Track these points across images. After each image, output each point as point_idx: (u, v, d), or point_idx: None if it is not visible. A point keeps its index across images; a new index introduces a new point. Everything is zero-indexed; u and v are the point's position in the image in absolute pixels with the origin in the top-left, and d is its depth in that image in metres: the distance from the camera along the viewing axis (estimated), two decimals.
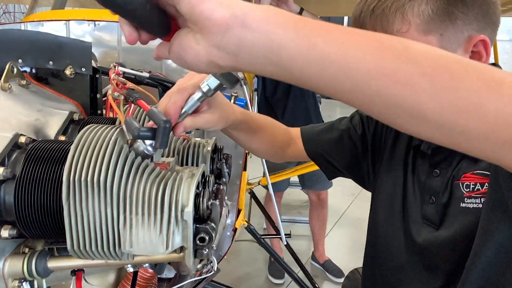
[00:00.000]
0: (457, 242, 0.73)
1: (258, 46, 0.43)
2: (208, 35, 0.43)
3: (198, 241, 0.60)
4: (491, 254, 0.66)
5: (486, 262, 0.67)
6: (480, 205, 0.71)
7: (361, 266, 1.01)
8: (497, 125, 0.39)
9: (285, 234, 2.19)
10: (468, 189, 0.73)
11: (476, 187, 0.72)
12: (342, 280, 2.86)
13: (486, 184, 0.71)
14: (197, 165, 0.79)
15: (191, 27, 0.45)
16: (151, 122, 0.60)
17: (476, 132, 0.40)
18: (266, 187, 2.66)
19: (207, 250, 0.61)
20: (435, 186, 0.79)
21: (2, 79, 0.79)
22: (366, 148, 0.98)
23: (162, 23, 0.47)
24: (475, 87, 0.40)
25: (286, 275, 2.86)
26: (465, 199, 0.73)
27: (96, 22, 1.38)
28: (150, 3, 0.44)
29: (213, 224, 0.61)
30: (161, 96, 1.15)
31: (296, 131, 1.04)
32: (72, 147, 0.59)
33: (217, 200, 0.64)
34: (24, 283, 0.67)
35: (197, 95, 0.64)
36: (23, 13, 6.56)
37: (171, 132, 0.60)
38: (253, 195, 2.69)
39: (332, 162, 1.02)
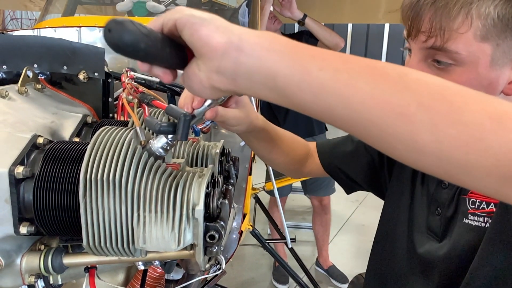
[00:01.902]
0: (453, 258, 0.72)
1: (253, 71, 0.44)
2: (207, 60, 0.45)
3: (208, 239, 0.62)
4: (488, 279, 0.65)
5: (482, 285, 0.66)
6: (483, 224, 0.69)
7: (365, 271, 1.01)
8: (500, 160, 0.38)
9: (290, 239, 2.21)
10: (473, 206, 0.72)
11: (482, 206, 0.71)
12: (346, 285, 2.87)
13: (492, 204, 0.69)
14: (206, 167, 0.81)
15: (195, 55, 0.47)
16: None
17: (478, 167, 0.39)
18: (270, 192, 2.68)
19: (216, 248, 0.63)
20: (442, 198, 0.78)
21: (19, 83, 0.82)
22: (382, 158, 0.95)
23: (180, 57, 0.49)
24: (476, 120, 0.38)
25: (290, 280, 2.87)
26: (469, 215, 0.71)
27: None
28: (166, 43, 0.47)
29: (222, 223, 0.63)
30: (169, 100, 1.18)
31: (313, 146, 1.03)
32: (89, 148, 0.62)
33: (226, 200, 0.67)
34: (39, 280, 0.69)
35: (208, 101, 0.67)
36: (30, 19, 6.63)
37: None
38: (257, 200, 2.71)
39: (349, 175, 0.99)
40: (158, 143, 0.63)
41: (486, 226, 0.68)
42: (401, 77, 0.41)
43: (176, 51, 0.48)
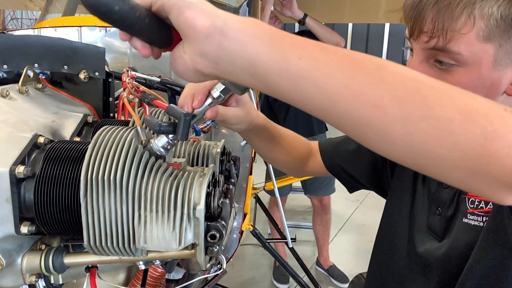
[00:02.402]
0: (452, 257, 0.73)
1: (235, 56, 0.45)
2: (191, 43, 0.46)
3: (209, 238, 0.62)
4: (482, 277, 0.66)
5: (476, 284, 0.67)
6: (481, 224, 0.69)
7: (366, 271, 1.01)
8: (467, 154, 0.39)
9: (291, 239, 2.21)
10: (472, 206, 0.72)
11: (480, 205, 0.71)
12: (346, 285, 2.86)
13: (490, 203, 0.69)
14: (207, 166, 0.81)
15: (182, 39, 0.48)
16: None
17: (446, 160, 0.40)
18: (270, 192, 2.68)
19: (217, 247, 0.63)
20: (443, 197, 0.78)
21: (20, 82, 0.82)
22: (385, 157, 0.95)
23: (163, 35, 0.50)
24: (446, 115, 0.39)
25: (290, 280, 2.87)
26: (468, 215, 0.71)
27: (107, 28, 1.42)
28: (149, 17, 0.47)
29: (223, 222, 0.63)
30: (170, 100, 1.18)
31: (315, 145, 1.03)
32: (90, 147, 0.62)
33: (227, 199, 0.67)
34: (40, 280, 0.69)
35: (208, 100, 0.66)
36: (30, 19, 6.63)
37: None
38: (258, 200, 2.71)
39: (352, 174, 0.99)
40: (159, 142, 0.63)
41: (483, 225, 0.68)
42: (377, 69, 0.42)
43: (159, 28, 0.48)
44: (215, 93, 0.64)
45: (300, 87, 0.44)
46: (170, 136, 0.62)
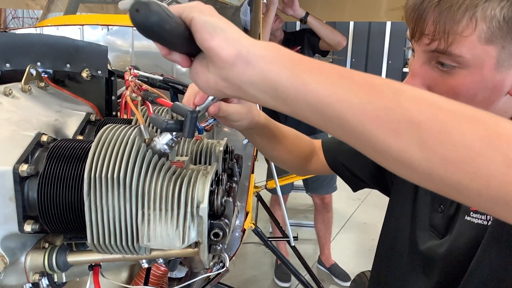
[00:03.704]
0: (454, 255, 0.72)
1: (258, 81, 0.47)
2: (217, 68, 0.48)
3: (212, 237, 0.62)
4: (485, 278, 0.66)
5: (480, 283, 0.67)
6: (485, 222, 0.69)
7: (368, 269, 1.01)
8: (489, 182, 0.38)
9: (293, 237, 2.21)
10: None
11: None
12: (348, 284, 2.87)
13: None
14: (210, 164, 0.81)
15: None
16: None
17: (467, 188, 0.39)
18: (271, 190, 2.68)
19: (220, 245, 0.63)
20: None
21: (23, 81, 0.82)
22: None
23: (194, 47, 0.50)
24: (466, 141, 0.39)
25: (292, 278, 2.87)
26: (471, 213, 0.71)
27: (109, 27, 1.42)
28: (188, 30, 0.48)
29: (226, 220, 0.63)
30: (172, 98, 1.18)
31: (318, 143, 1.03)
32: (93, 145, 0.62)
33: (230, 198, 0.67)
34: (43, 278, 0.69)
35: (210, 96, 0.67)
36: (31, 18, 6.64)
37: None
38: (259, 198, 2.71)
39: (355, 172, 0.99)
40: (163, 140, 0.63)
41: (488, 224, 0.68)
42: (394, 94, 0.42)
43: (193, 39, 0.49)
44: None
45: (318, 111, 0.45)
46: (174, 133, 0.63)
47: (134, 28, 1.48)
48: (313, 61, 0.47)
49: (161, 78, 1.08)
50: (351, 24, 7.20)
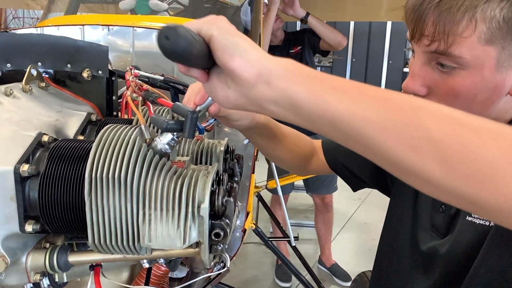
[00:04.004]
0: (455, 255, 0.72)
1: (278, 100, 0.48)
2: (237, 86, 0.49)
3: (213, 237, 0.62)
4: (488, 279, 0.66)
5: (482, 284, 0.66)
6: (487, 223, 0.68)
7: (368, 269, 1.00)
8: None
9: (293, 237, 2.21)
10: None
11: None
12: (349, 284, 2.86)
13: None
14: (210, 165, 0.81)
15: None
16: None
17: (489, 203, 0.39)
18: (272, 190, 2.68)
19: (221, 245, 0.63)
20: None
21: (23, 81, 0.82)
22: None
23: (212, 61, 0.51)
24: (488, 158, 0.38)
25: (293, 278, 2.87)
26: (473, 213, 0.70)
27: (110, 27, 1.42)
28: (207, 47, 0.48)
29: (227, 220, 0.63)
30: (173, 98, 1.18)
31: (318, 143, 1.02)
32: (94, 146, 0.62)
33: (231, 198, 0.67)
34: (44, 278, 0.69)
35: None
36: (32, 18, 6.64)
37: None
38: (260, 198, 2.71)
39: (355, 172, 0.99)
40: (164, 139, 0.63)
41: (491, 224, 0.68)
42: (415, 111, 0.42)
43: (211, 55, 0.50)
44: None
45: (338, 128, 0.46)
46: (175, 133, 0.63)
47: (135, 28, 1.47)
48: (332, 78, 0.47)
49: (161, 78, 1.08)
50: (352, 24, 7.20)
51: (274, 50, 2.79)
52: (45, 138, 0.69)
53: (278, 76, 0.47)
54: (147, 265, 0.77)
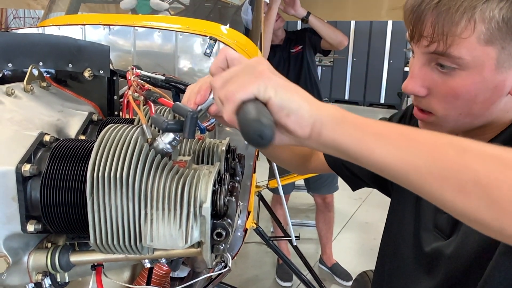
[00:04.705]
0: (460, 256, 0.72)
1: (330, 148, 0.52)
2: (293, 138, 0.52)
3: (215, 236, 0.62)
4: (501, 282, 0.64)
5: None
6: None
7: (369, 269, 1.00)
8: None
9: (295, 237, 2.20)
10: None
11: None
12: (350, 283, 2.86)
13: None
14: (212, 164, 0.81)
15: None
16: None
17: None
18: (273, 190, 2.68)
19: (223, 245, 0.63)
20: None
21: (25, 81, 0.82)
22: None
23: None
24: None
25: (294, 278, 2.87)
26: None
27: (111, 27, 1.42)
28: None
29: (229, 220, 0.63)
30: (174, 98, 1.18)
31: None
32: (96, 145, 0.62)
33: (233, 197, 0.67)
34: (46, 278, 0.69)
35: (211, 95, 0.66)
36: (33, 18, 6.64)
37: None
38: (261, 198, 2.71)
39: (355, 172, 0.98)
40: (166, 139, 0.63)
41: None
42: (460, 153, 0.43)
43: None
44: None
45: (384, 172, 0.48)
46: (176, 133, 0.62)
47: (136, 27, 1.47)
48: (377, 124, 0.50)
49: (163, 77, 1.08)
50: (353, 23, 7.20)
51: (275, 49, 2.78)
52: (46, 138, 0.69)
53: (327, 127, 0.50)
54: (148, 265, 0.76)
